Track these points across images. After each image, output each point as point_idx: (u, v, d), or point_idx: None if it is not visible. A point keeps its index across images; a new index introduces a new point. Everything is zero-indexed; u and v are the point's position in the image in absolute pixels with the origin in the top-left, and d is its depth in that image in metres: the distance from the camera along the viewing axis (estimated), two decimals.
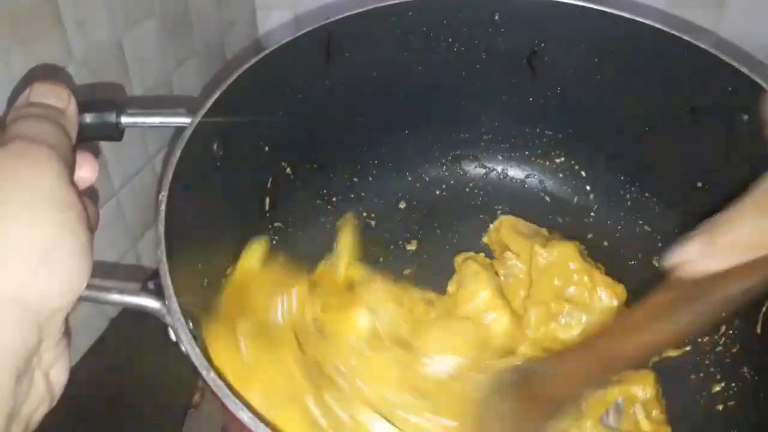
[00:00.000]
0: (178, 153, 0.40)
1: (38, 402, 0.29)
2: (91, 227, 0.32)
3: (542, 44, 0.56)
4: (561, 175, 0.63)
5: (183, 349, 0.35)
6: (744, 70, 0.46)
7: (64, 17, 0.46)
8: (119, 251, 0.58)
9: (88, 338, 0.56)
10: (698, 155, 0.52)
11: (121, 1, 0.51)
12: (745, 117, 0.47)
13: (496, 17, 0.55)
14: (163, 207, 0.37)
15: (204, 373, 0.30)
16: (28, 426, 0.29)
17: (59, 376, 0.31)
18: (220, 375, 0.30)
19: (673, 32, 0.49)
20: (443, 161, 0.64)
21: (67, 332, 0.31)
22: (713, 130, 0.50)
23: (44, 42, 0.45)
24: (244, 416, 0.28)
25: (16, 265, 0.27)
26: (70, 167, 0.32)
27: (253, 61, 0.47)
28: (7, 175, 0.28)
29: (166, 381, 0.55)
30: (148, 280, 0.60)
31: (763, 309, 0.48)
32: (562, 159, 0.62)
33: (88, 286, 0.30)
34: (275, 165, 0.54)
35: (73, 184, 0.31)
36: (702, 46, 0.48)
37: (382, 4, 0.52)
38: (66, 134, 0.33)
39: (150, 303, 0.34)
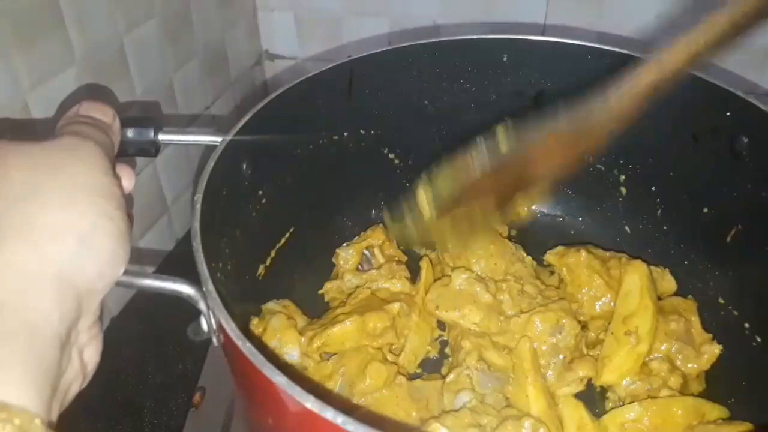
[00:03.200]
0: (211, 164, 0.43)
1: (74, 377, 0.30)
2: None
3: (548, 84, 0.59)
4: (566, 206, 0.66)
5: (214, 340, 0.36)
6: (739, 93, 0.49)
7: (65, 18, 0.48)
8: None
9: None
10: (703, 180, 0.54)
11: (122, 2, 0.53)
12: (746, 139, 0.50)
13: (505, 59, 0.59)
14: (198, 206, 0.40)
15: (240, 344, 0.31)
16: (64, 401, 0.29)
17: (92, 357, 0.32)
18: (256, 346, 0.31)
19: None
20: None
21: (101, 318, 0.33)
22: (716, 154, 0.52)
23: (46, 42, 0.46)
24: (281, 380, 0.29)
25: (58, 246, 0.29)
26: (113, 164, 0.34)
27: (281, 90, 0.51)
28: (54, 164, 0.31)
29: (167, 381, 0.55)
30: None
31: None
32: (568, 191, 0.65)
33: (126, 272, 0.32)
34: (300, 185, 0.56)
35: (116, 176, 0.33)
36: (700, 75, 0.51)
37: (401, 45, 0.57)
38: (111, 142, 0.36)
39: (185, 289, 0.35)
